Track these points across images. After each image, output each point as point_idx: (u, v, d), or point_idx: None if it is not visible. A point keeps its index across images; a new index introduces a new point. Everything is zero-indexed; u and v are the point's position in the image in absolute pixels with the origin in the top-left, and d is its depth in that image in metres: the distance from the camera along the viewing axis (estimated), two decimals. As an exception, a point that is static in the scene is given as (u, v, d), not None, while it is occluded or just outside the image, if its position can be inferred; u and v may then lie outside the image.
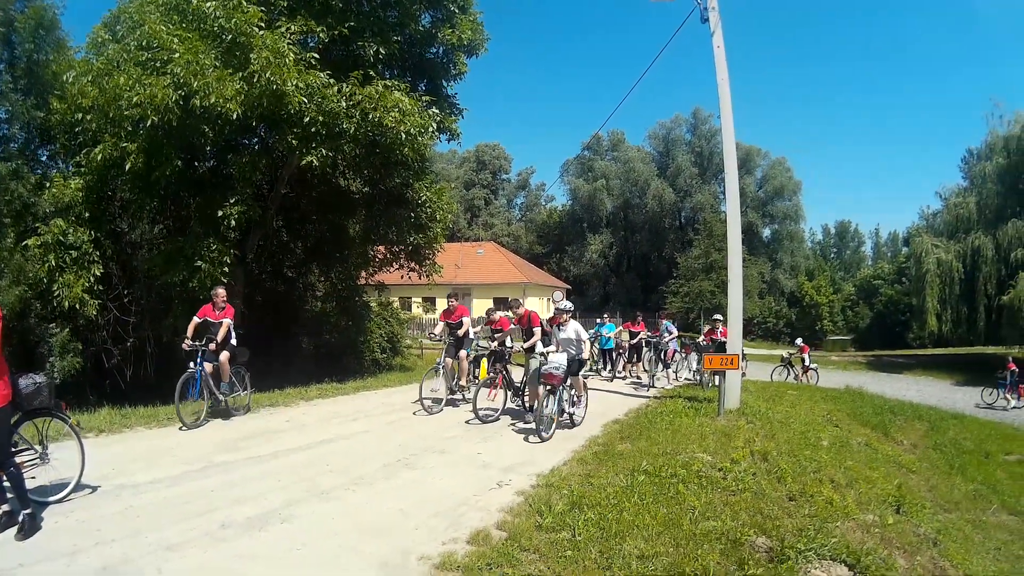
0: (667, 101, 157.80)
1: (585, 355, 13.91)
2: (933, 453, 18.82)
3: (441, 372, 15.48)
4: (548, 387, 12.50)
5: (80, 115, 18.77)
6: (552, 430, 12.40)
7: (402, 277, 27.05)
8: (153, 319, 21.26)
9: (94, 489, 8.27)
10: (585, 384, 14.73)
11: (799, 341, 31.74)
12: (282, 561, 6.45)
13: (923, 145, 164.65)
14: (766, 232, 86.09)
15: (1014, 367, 31.74)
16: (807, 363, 30.95)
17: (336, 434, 12.59)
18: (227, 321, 13.58)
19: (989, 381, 31.86)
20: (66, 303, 17.93)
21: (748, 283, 62.45)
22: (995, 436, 23.17)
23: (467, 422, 13.71)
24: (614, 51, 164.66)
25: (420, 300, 54.50)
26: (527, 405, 14.56)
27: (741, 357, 17.64)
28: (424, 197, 23.79)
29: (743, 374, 19.81)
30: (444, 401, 15.51)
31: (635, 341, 23.58)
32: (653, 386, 21.46)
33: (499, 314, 16.48)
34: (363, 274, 28.12)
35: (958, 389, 32.19)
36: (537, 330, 14.46)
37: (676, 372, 23.78)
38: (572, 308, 14.54)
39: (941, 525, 9.90)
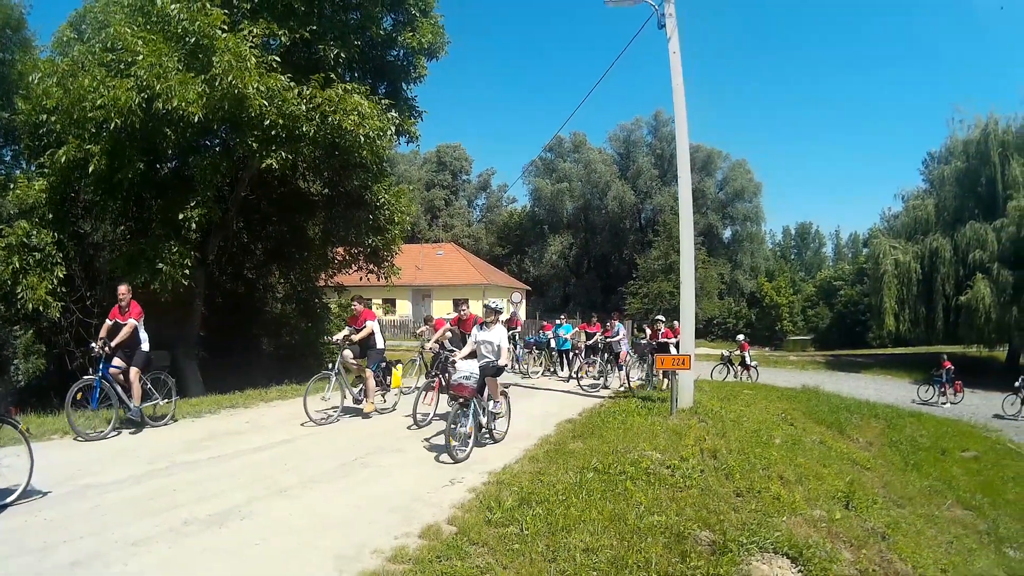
0: (630, 102, 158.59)
1: (503, 362, 12.21)
2: (889, 450, 19.13)
3: (334, 379, 13.99)
4: (459, 400, 11.08)
5: (45, 116, 18.65)
6: (469, 450, 10.99)
7: (361, 279, 27.06)
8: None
9: (44, 494, 8.32)
10: (506, 392, 13.15)
11: (740, 337, 31.93)
12: (242, 555, 6.61)
13: (885, 148, 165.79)
14: (727, 233, 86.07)
15: (949, 365, 32.39)
16: (747, 360, 30.89)
17: (295, 434, 12.73)
18: (131, 323, 12.54)
19: (969, 382, 32.36)
20: (30, 305, 17.84)
21: (708, 284, 62.98)
22: (952, 433, 23.51)
23: (408, 428, 13.50)
24: (576, 53, 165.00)
25: (380, 302, 54.42)
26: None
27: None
28: (383, 199, 23.80)
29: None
30: (340, 410, 14.16)
31: (590, 342, 23.57)
32: (606, 387, 21.30)
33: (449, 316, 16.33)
34: (323, 276, 28.13)
35: (916, 387, 32.63)
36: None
37: (628, 373, 22.80)
38: (502, 309, 13.59)
39: (892, 520, 10.14)
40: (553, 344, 25.54)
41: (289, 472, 9.75)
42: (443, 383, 14.11)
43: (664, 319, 21.45)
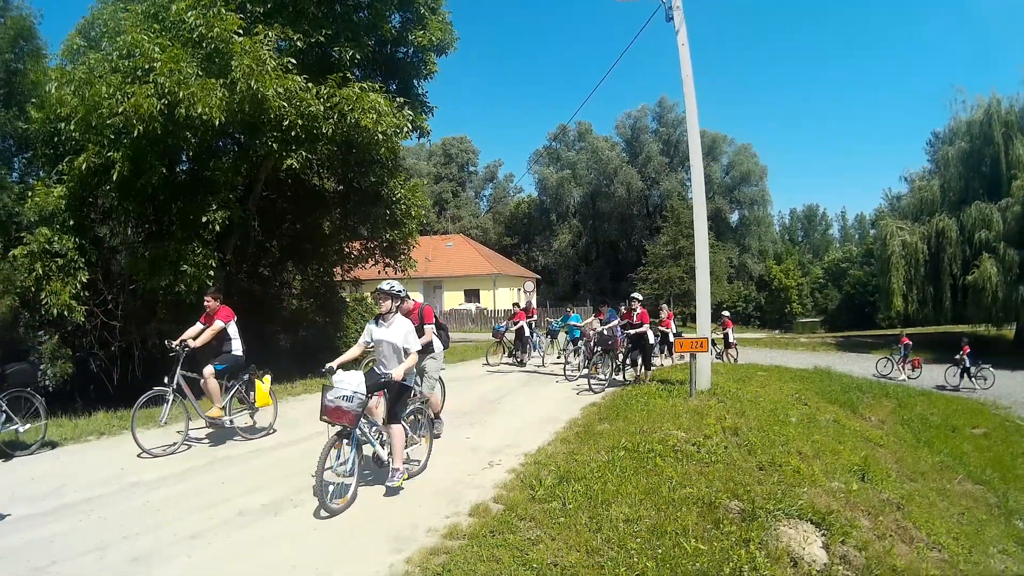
0: (632, 90, 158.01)
1: (399, 375, 8.75)
2: (900, 428, 19.29)
3: (171, 399, 11.17)
4: (338, 429, 8.26)
5: (61, 124, 18.71)
6: (350, 495, 8.16)
7: (379, 272, 27.25)
8: (139, 323, 21.44)
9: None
10: (430, 421, 10.43)
11: (725, 314, 30.49)
12: (301, 541, 6.97)
13: (889, 129, 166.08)
14: (734, 217, 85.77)
15: (907, 341, 33.23)
16: (730, 339, 29.74)
17: (324, 427, 12.97)
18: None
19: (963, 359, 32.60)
20: (54, 311, 17.93)
21: (717, 268, 62.50)
22: (962, 411, 23.53)
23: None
24: (580, 43, 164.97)
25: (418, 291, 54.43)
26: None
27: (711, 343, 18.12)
28: (399, 194, 23.94)
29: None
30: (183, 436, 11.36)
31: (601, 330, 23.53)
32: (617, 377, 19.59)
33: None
34: (338, 270, 28.34)
35: (931, 368, 32.85)
36: (429, 327, 11.59)
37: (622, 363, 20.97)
38: (402, 292, 9.77)
39: (906, 492, 10.45)
40: (567, 334, 24.88)
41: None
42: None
43: (640, 298, 19.46)
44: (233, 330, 12.20)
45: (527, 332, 24.87)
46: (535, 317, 26.83)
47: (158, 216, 21.25)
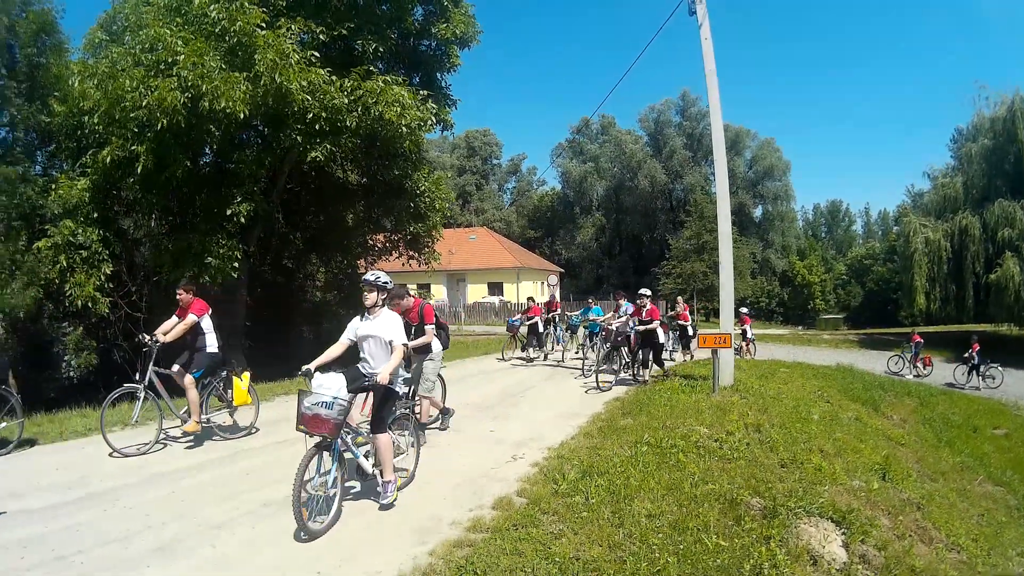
0: (655, 83, 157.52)
1: (385, 377, 7.64)
2: (922, 427, 19.26)
3: (142, 397, 10.62)
4: (318, 440, 7.27)
5: (84, 118, 18.80)
6: (332, 512, 7.37)
7: (402, 265, 27.35)
8: (163, 314, 21.52)
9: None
10: (415, 429, 9.27)
11: (743, 310, 29.09)
12: (327, 533, 7.01)
13: (913, 123, 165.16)
14: (757, 212, 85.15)
15: (919, 339, 33.09)
16: (748, 335, 28.71)
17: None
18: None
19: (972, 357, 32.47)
20: (78, 302, 18.14)
21: (740, 263, 62.10)
22: (984, 411, 23.45)
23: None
24: (603, 36, 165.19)
25: (415, 287, 54.43)
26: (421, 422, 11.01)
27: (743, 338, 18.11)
28: (423, 187, 23.94)
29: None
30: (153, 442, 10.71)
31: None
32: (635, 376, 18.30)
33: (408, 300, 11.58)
34: (362, 263, 28.27)
35: (946, 366, 32.63)
36: (430, 327, 11.30)
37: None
38: (389, 283, 8.60)
39: (926, 492, 10.46)
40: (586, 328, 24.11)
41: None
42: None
43: (648, 294, 18.23)
44: (207, 324, 11.53)
45: (541, 327, 24.06)
46: (559, 311, 26.65)
47: (182, 208, 21.43)
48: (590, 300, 27.43)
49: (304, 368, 7.70)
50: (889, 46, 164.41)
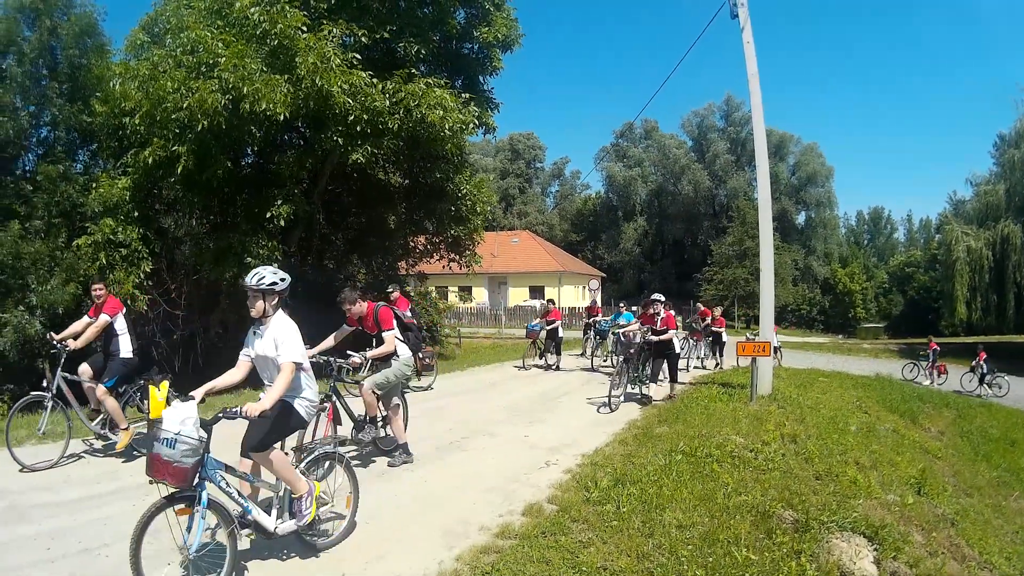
0: (698, 87, 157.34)
1: (254, 410, 5.89)
2: (959, 440, 19.09)
3: (49, 407, 9.83)
4: (168, 493, 5.55)
5: (125, 118, 18.99)
6: None
7: (443, 267, 27.42)
8: (202, 312, 21.90)
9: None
10: (350, 473, 7.16)
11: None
12: (353, 532, 7.00)
13: (956, 128, 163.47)
14: (800, 219, 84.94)
15: (936, 346, 33.18)
16: (774, 344, 28.33)
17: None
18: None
19: (1017, 369, 32.17)
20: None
21: (781, 270, 61.75)
22: (1022, 424, 23.22)
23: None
24: (645, 40, 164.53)
25: (456, 289, 54.55)
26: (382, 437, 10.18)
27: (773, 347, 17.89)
28: (465, 190, 24.04)
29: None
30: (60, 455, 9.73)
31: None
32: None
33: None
34: (403, 264, 28.47)
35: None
36: (389, 334, 10.05)
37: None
38: (278, 285, 6.59)
39: (961, 508, 10.38)
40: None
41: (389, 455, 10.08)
42: (336, 410, 9.95)
43: (663, 299, 16.44)
44: (121, 324, 10.41)
45: (560, 332, 22.83)
46: (599, 316, 26.36)
47: (223, 208, 21.65)
48: (621, 305, 26.90)
49: (189, 395, 5.88)
50: (932, 50, 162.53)
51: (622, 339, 16.66)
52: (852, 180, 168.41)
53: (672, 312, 17.05)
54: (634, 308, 24.98)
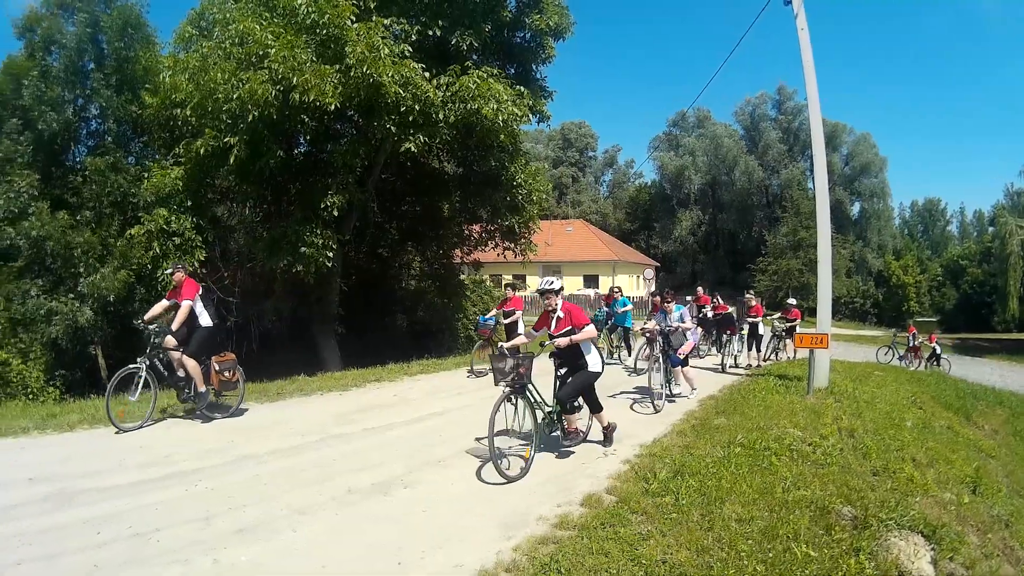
0: (750, 76, 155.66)
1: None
2: (1013, 440, 18.76)
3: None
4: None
5: (176, 110, 19.48)
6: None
7: (498, 256, 27.47)
8: (255, 300, 22.26)
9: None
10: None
11: (791, 301, 26.29)
12: (410, 522, 7.07)
13: (1012, 120, 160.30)
14: (854, 209, 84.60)
15: (915, 331, 34.56)
16: (797, 331, 26.64)
17: (446, 407, 13.18)
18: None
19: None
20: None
21: (836, 262, 61.16)
22: None
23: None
24: (697, 27, 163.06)
25: (510, 277, 54.46)
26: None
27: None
28: (519, 179, 23.96)
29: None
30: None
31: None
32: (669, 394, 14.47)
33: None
34: (458, 253, 28.59)
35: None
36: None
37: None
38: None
39: (1015, 509, 10.22)
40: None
41: (443, 443, 10.17)
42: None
43: (710, 291, 14.65)
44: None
45: (520, 327, 17.44)
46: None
47: (276, 197, 22.03)
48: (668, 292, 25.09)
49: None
50: (990, 38, 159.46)
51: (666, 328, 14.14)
52: (905, 170, 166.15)
53: (725, 304, 17.60)
54: (688, 298, 24.49)
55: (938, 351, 33.81)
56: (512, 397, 8.91)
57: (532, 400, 9.23)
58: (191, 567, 5.93)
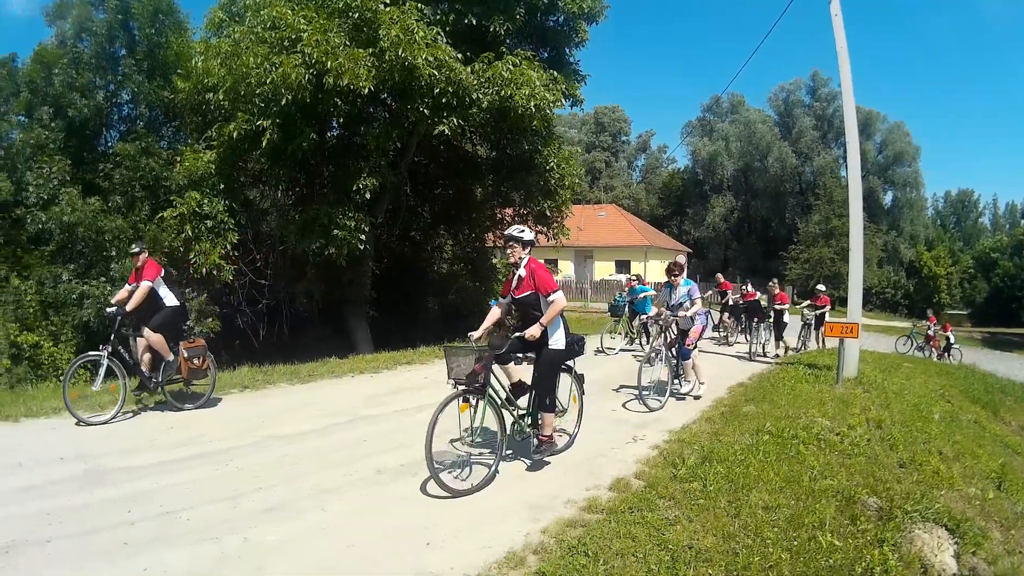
0: (783, 61, 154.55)
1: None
2: None
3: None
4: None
5: (208, 94, 19.66)
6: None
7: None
8: (288, 282, 22.40)
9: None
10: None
11: (820, 288, 26.27)
12: (438, 503, 7.16)
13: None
14: (887, 199, 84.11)
15: (935, 320, 34.34)
16: (826, 319, 25.13)
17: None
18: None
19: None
20: (203, 269, 19.02)
21: (867, 251, 60.85)
22: None
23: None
24: (730, 12, 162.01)
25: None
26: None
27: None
28: (553, 163, 23.81)
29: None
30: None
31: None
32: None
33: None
34: (490, 236, 28.56)
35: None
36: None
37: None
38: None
39: None
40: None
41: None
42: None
43: (741, 279, 13.96)
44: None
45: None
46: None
47: (309, 180, 22.16)
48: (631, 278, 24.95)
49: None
50: (1017, 30, 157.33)
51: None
52: (938, 160, 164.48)
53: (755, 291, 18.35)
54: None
55: (952, 340, 34.15)
56: (469, 398, 7.85)
57: (496, 401, 8.10)
58: (221, 545, 6.04)
